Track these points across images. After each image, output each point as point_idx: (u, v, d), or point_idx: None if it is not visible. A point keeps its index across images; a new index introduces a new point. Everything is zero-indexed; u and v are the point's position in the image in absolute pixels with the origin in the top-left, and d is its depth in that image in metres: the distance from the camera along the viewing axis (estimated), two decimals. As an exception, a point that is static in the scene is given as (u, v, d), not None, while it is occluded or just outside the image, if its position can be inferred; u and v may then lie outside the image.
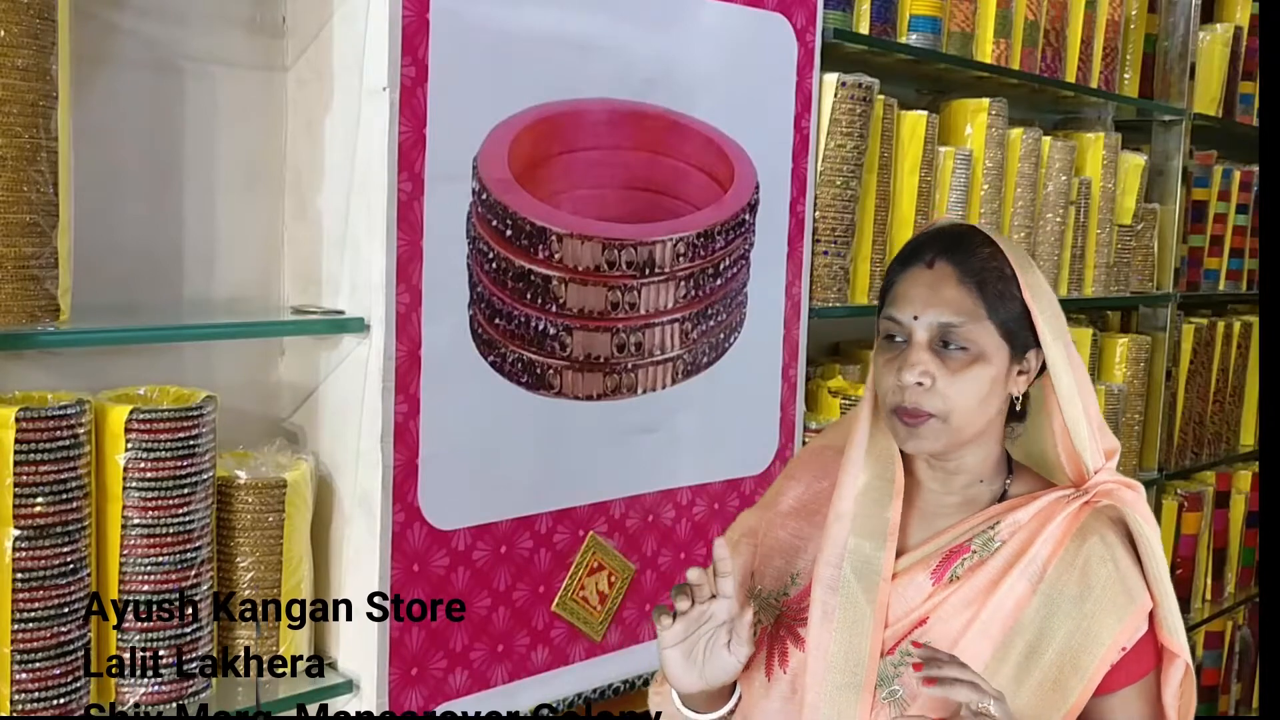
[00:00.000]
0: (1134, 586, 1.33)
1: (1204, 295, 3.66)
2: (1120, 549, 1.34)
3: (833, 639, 1.33)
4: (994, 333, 1.30)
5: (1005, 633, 1.30)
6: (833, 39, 2.27)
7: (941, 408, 1.29)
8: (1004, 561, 1.32)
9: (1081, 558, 1.32)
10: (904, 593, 1.33)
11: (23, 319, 1.36)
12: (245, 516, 1.61)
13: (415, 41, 1.66)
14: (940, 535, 1.36)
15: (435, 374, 1.73)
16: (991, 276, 1.31)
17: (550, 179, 1.85)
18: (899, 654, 1.31)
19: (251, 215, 1.77)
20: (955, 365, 1.29)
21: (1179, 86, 3.34)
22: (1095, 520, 1.35)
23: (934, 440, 1.31)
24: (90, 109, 1.56)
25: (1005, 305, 1.31)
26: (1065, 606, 1.30)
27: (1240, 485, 3.84)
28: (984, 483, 1.38)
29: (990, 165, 2.65)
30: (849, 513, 1.36)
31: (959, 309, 1.30)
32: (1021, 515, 1.34)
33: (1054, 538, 1.32)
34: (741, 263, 2.13)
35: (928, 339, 1.30)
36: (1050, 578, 1.31)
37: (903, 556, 1.36)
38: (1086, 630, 1.30)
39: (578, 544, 1.96)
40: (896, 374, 1.30)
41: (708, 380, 2.11)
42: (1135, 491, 1.37)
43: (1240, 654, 3.91)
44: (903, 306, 1.32)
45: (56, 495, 1.39)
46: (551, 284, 1.86)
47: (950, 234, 1.36)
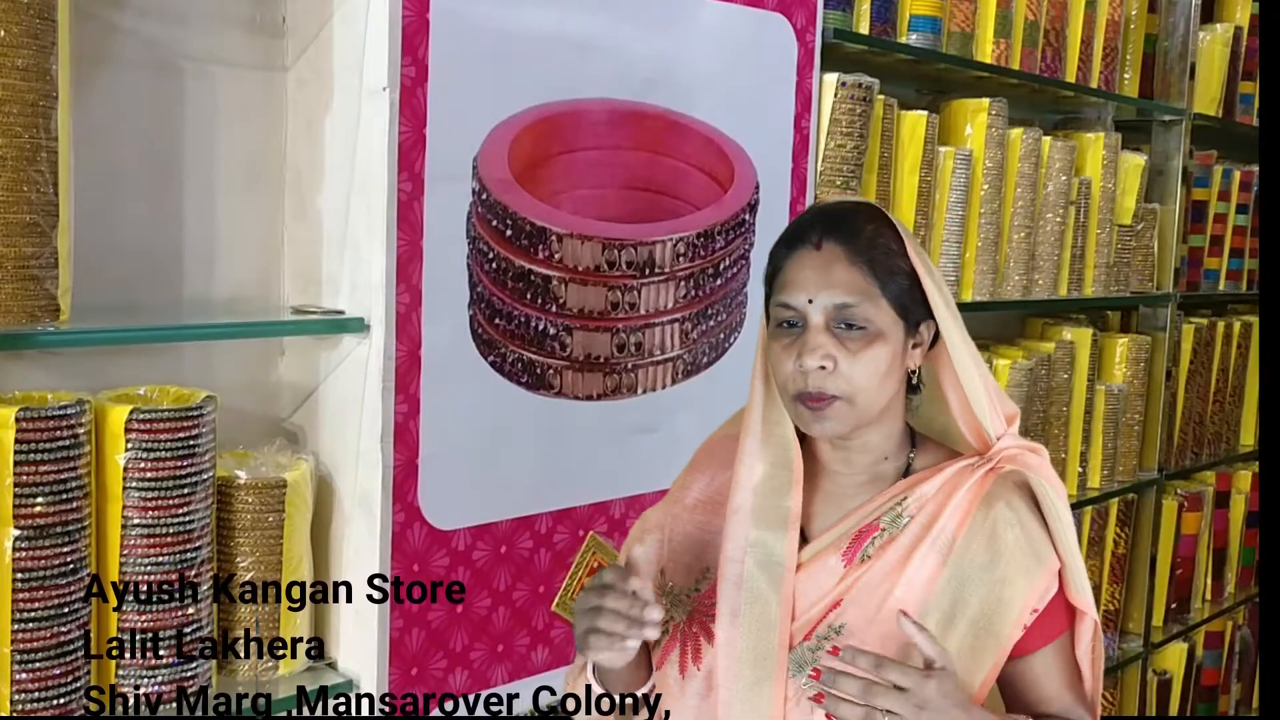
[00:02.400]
0: (1041, 549, 1.34)
1: (1204, 295, 3.66)
2: (1026, 512, 1.35)
3: (740, 635, 1.32)
4: (888, 309, 1.30)
5: (920, 606, 1.29)
6: (833, 39, 2.27)
7: (846, 389, 1.28)
8: (913, 536, 1.32)
9: (989, 524, 1.32)
10: (816, 577, 1.33)
11: (23, 319, 1.36)
12: (245, 516, 1.61)
13: (415, 41, 1.66)
14: (849, 516, 1.35)
15: (435, 374, 1.73)
16: (880, 253, 1.31)
17: (550, 179, 1.85)
18: (815, 639, 1.31)
19: (251, 215, 1.77)
20: (855, 346, 1.28)
21: (1179, 86, 3.34)
22: (1000, 486, 1.35)
23: (841, 423, 1.30)
24: (90, 109, 1.56)
25: (895, 280, 1.31)
26: (976, 575, 1.31)
27: (1240, 485, 3.84)
28: (889, 459, 1.37)
29: (990, 165, 2.65)
30: (748, 505, 1.35)
31: (852, 289, 1.29)
32: (928, 488, 1.34)
33: (961, 507, 1.32)
34: (741, 263, 2.13)
35: (824, 321, 1.29)
36: (959, 548, 1.31)
37: (812, 542, 1.35)
38: (999, 596, 1.31)
39: (578, 544, 1.96)
40: (797, 359, 1.29)
41: (708, 380, 2.11)
42: (1039, 455, 1.37)
43: (1240, 654, 3.92)
44: (795, 290, 1.31)
45: (56, 495, 1.39)
46: (551, 284, 1.86)
47: (833, 213, 1.35)
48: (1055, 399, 2.98)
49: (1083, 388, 3.04)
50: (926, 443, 1.41)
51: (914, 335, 1.33)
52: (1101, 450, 3.15)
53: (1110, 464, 3.18)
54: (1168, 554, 3.51)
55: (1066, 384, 3.01)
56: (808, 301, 1.29)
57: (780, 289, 1.33)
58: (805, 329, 1.29)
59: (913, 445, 1.39)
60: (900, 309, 1.31)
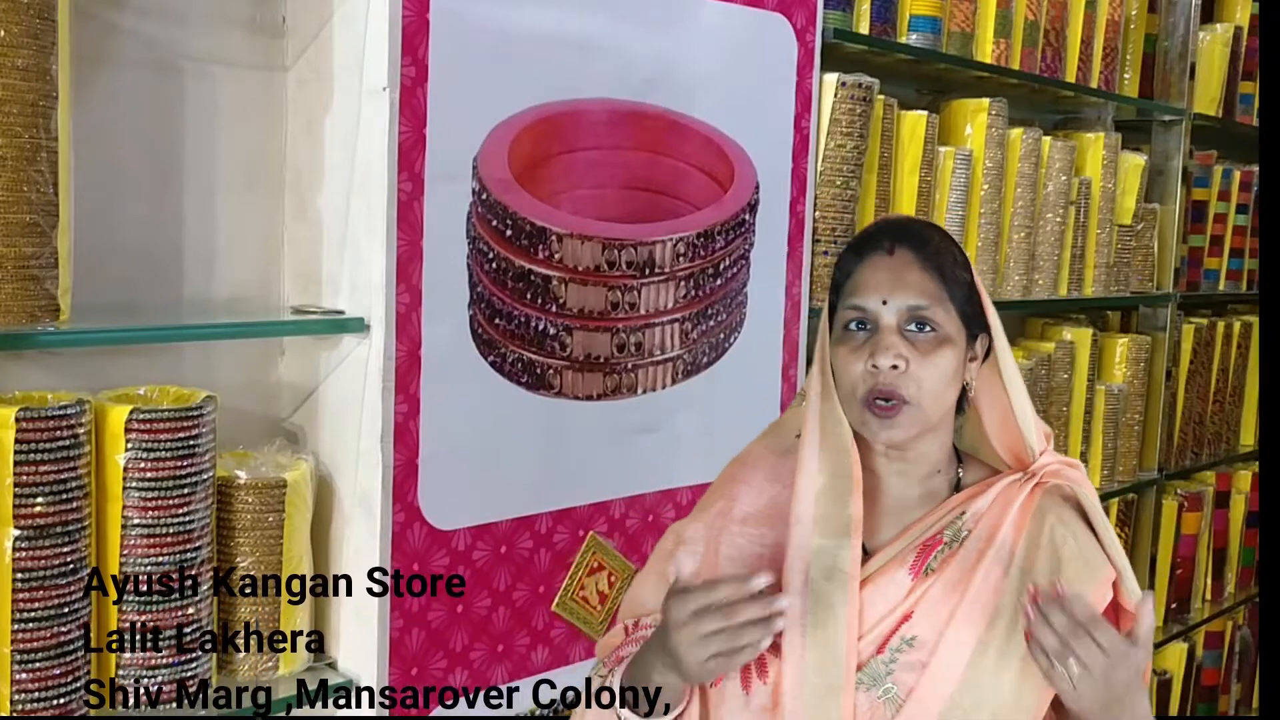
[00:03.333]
0: (1095, 559, 1.36)
1: (1204, 295, 3.66)
2: (1078, 524, 1.38)
3: (807, 644, 1.31)
4: (955, 317, 1.33)
5: (987, 618, 1.31)
6: (833, 39, 2.27)
7: (915, 392, 1.30)
8: (975, 549, 1.34)
9: (1045, 537, 1.35)
10: (884, 590, 1.33)
11: (23, 319, 1.36)
12: (245, 516, 1.61)
13: (415, 41, 1.66)
14: (910, 530, 1.36)
15: (435, 374, 1.73)
16: (948, 261, 1.34)
17: (550, 179, 1.85)
18: (889, 652, 1.31)
19: (251, 215, 1.77)
20: (925, 348, 1.31)
21: (1179, 86, 3.34)
22: (1049, 500, 1.38)
23: (908, 428, 1.31)
24: (90, 109, 1.56)
25: (960, 290, 1.34)
26: (1041, 581, 1.31)
27: (1240, 485, 3.84)
28: (941, 473, 1.39)
29: (990, 165, 2.65)
30: (810, 514, 1.35)
31: (924, 292, 1.32)
32: (981, 503, 1.36)
33: (1016, 521, 1.35)
34: (741, 263, 2.13)
35: (896, 323, 1.31)
36: (1019, 559, 1.33)
37: (876, 555, 1.36)
38: None
39: (578, 544, 1.96)
40: (869, 360, 1.30)
41: (708, 380, 2.11)
42: (1079, 470, 1.41)
43: (1240, 654, 3.91)
44: (868, 293, 1.33)
45: (56, 495, 1.39)
46: (551, 284, 1.86)
47: (899, 225, 1.39)
48: (1055, 399, 2.98)
49: (1083, 388, 3.04)
50: (970, 459, 1.43)
51: (971, 348, 1.36)
52: (1101, 450, 3.15)
53: (1110, 464, 3.18)
54: (1168, 554, 3.51)
55: (1066, 384, 3.01)
56: (882, 303, 1.31)
57: (851, 292, 1.34)
58: (877, 330, 1.32)
59: (959, 461, 1.42)
60: (964, 318, 1.34)
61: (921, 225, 1.39)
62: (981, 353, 1.38)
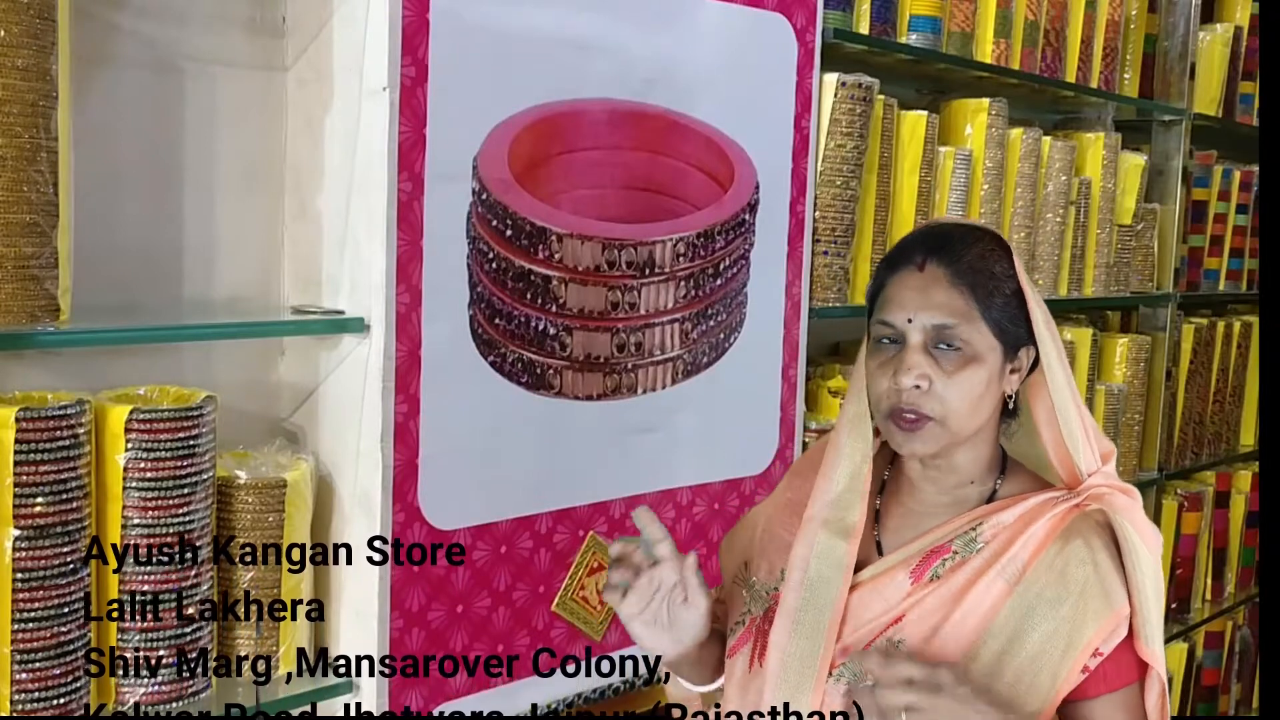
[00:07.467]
0: (1113, 591, 1.32)
1: (1204, 295, 3.66)
2: (1103, 553, 1.34)
3: (794, 639, 1.35)
4: (987, 332, 1.31)
5: (979, 631, 1.30)
6: (833, 39, 2.27)
7: (939, 410, 1.30)
8: (983, 562, 1.33)
9: (1062, 560, 1.32)
10: (883, 591, 1.35)
11: (23, 319, 1.36)
12: (245, 516, 1.61)
13: (415, 41, 1.66)
14: (923, 536, 1.37)
15: (435, 374, 1.73)
16: (983, 277, 1.32)
17: (550, 179, 1.85)
18: (873, 649, 1.32)
19: (251, 215, 1.77)
20: (950, 366, 1.30)
21: (1179, 86, 3.34)
22: (1081, 523, 1.35)
23: (932, 443, 1.32)
24: (90, 109, 1.56)
25: (997, 303, 1.32)
26: (1042, 609, 1.30)
27: (1240, 485, 3.84)
28: (974, 483, 1.38)
29: (990, 165, 2.65)
30: (820, 515, 1.38)
31: (951, 311, 1.31)
32: (1006, 517, 1.35)
33: (1036, 539, 1.33)
34: (741, 263, 2.13)
35: (922, 341, 1.31)
36: (1029, 579, 1.31)
37: (886, 556, 1.38)
38: (1065, 634, 1.30)
39: (578, 544, 1.96)
40: (893, 377, 1.31)
41: (708, 380, 2.11)
42: (1131, 498, 1.37)
43: (1240, 654, 3.91)
44: (895, 310, 1.33)
45: (56, 495, 1.39)
46: (551, 284, 1.86)
47: (938, 234, 1.37)
48: (1055, 399, 2.97)
49: (1083, 388, 3.04)
50: (1019, 470, 1.41)
51: (1013, 360, 1.34)
52: (1101, 450, 3.14)
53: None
54: (1168, 554, 3.51)
55: (1066, 384, 3.01)
56: (907, 321, 1.31)
57: (881, 308, 1.35)
58: (903, 347, 1.31)
59: (1002, 471, 1.40)
60: (999, 332, 1.32)
61: (963, 236, 1.36)
62: (1027, 364, 1.36)
